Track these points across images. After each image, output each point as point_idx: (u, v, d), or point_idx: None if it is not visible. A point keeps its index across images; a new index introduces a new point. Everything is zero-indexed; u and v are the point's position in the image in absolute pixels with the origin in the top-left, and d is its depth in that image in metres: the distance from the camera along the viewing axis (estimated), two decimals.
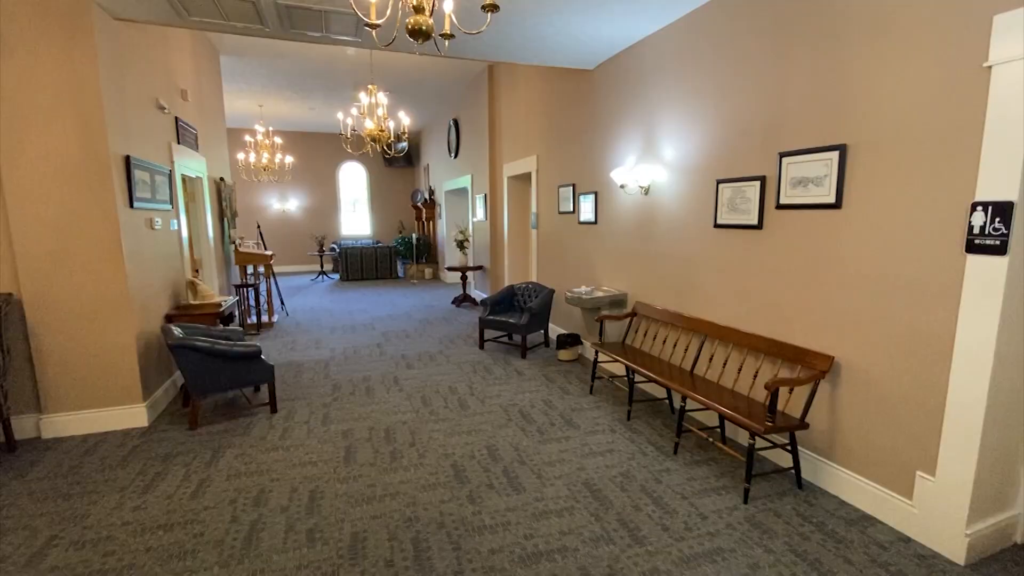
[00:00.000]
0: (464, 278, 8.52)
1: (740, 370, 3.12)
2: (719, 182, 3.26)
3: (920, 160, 2.19)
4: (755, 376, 3.01)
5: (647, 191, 3.97)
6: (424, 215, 12.22)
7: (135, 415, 3.54)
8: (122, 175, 3.44)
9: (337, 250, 11.69)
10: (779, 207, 2.84)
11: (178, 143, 4.63)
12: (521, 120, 6.51)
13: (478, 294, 8.85)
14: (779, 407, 2.83)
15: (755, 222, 2.99)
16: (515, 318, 5.20)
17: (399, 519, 2.48)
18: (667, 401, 3.88)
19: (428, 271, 11.92)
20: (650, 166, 3.91)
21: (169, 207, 4.25)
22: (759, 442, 3.06)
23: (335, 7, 3.28)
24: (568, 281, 5.48)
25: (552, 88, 5.57)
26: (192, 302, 4.39)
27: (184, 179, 4.96)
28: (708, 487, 2.75)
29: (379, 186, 13.62)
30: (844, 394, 2.59)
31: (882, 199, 2.34)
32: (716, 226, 3.31)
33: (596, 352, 4.03)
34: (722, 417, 3.21)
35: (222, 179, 6.29)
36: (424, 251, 12.17)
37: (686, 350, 3.54)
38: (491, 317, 5.32)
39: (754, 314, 3.08)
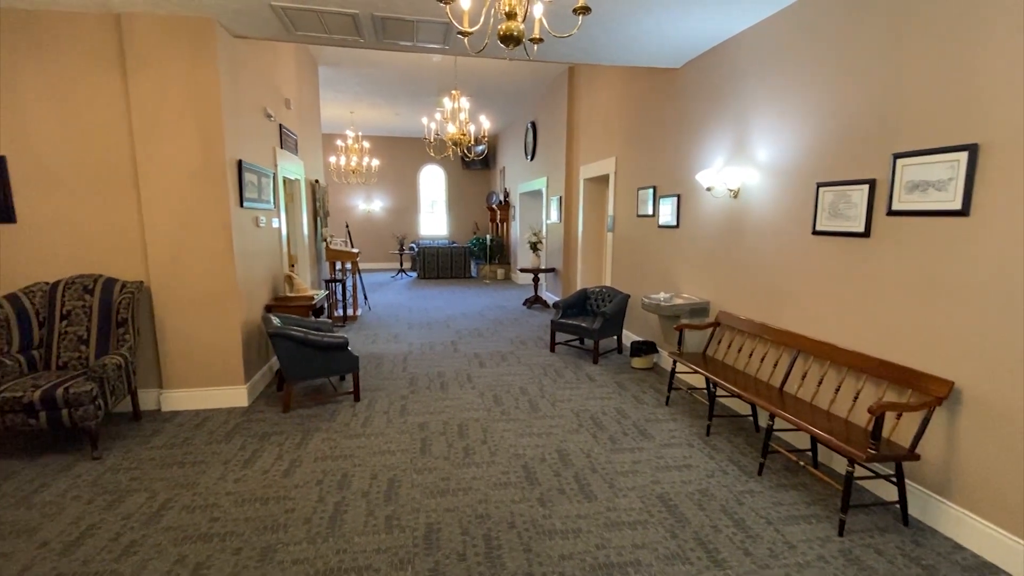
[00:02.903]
0: (536, 280, 8.55)
1: (838, 390, 2.87)
2: (819, 185, 3.02)
3: None
4: (855, 398, 2.75)
5: (736, 194, 3.77)
6: (498, 216, 12.42)
7: (237, 395, 3.89)
8: (235, 177, 3.80)
9: (415, 249, 12.18)
10: (891, 213, 2.58)
11: (281, 148, 5.04)
12: (600, 121, 6.42)
13: (549, 296, 8.84)
14: (884, 434, 2.57)
15: (861, 229, 2.74)
16: (588, 322, 5.13)
17: (471, 515, 2.53)
18: (751, 418, 3.65)
19: (500, 272, 12.09)
20: (740, 168, 3.71)
21: (272, 207, 4.64)
22: (859, 470, 2.80)
23: (426, 17, 3.41)
24: (645, 286, 5.33)
25: (634, 88, 5.45)
26: (288, 294, 4.76)
27: (284, 181, 5.38)
28: (797, 514, 2.55)
29: (457, 188, 14.02)
30: (965, 424, 2.30)
31: (1022, 205, 2.05)
32: (814, 233, 3.06)
33: (674, 362, 3.87)
34: (815, 440, 2.97)
35: (317, 181, 6.76)
36: (497, 252, 12.36)
37: (775, 365, 3.31)
38: (563, 320, 5.29)
39: (856, 330, 2.82)
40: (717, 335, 4.05)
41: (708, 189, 3.95)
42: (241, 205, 3.89)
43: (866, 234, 2.72)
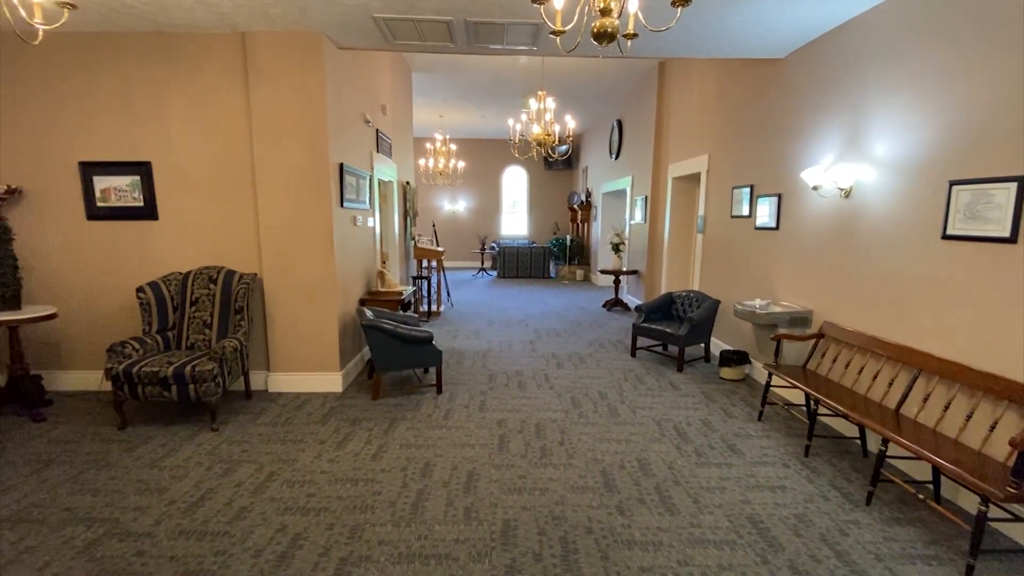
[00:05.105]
0: (617, 282, 8.36)
1: (969, 417, 2.51)
2: (952, 184, 2.66)
3: None
4: (992, 427, 2.39)
5: (848, 193, 3.42)
6: (579, 217, 12.30)
7: (332, 381, 4.19)
8: (336, 180, 4.08)
9: (496, 248, 12.40)
10: None
11: (377, 152, 5.35)
12: (692, 117, 6.13)
13: (631, 299, 8.61)
14: None
15: (1006, 234, 2.38)
16: (673, 328, 4.92)
17: (548, 515, 2.52)
18: (859, 441, 3.30)
19: (580, 273, 11.96)
20: (853, 164, 3.37)
21: (367, 207, 4.94)
22: (994, 510, 2.43)
23: (517, 19, 3.45)
24: (737, 292, 5.01)
25: (731, 81, 5.14)
26: (380, 289, 5.04)
27: (379, 183, 5.70)
28: (913, 553, 2.27)
29: (538, 188, 14.09)
30: None
31: None
32: (944, 237, 2.71)
33: (769, 375, 3.60)
34: (937, 471, 2.63)
35: (408, 183, 7.10)
36: (577, 253, 12.25)
37: (890, 384, 2.97)
38: (646, 324, 5.12)
39: (996, 349, 2.45)
40: (820, 347, 3.71)
41: (814, 188, 3.63)
42: (342, 205, 4.17)
43: (1012, 239, 2.36)
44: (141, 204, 3.96)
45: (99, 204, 3.96)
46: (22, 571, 2.10)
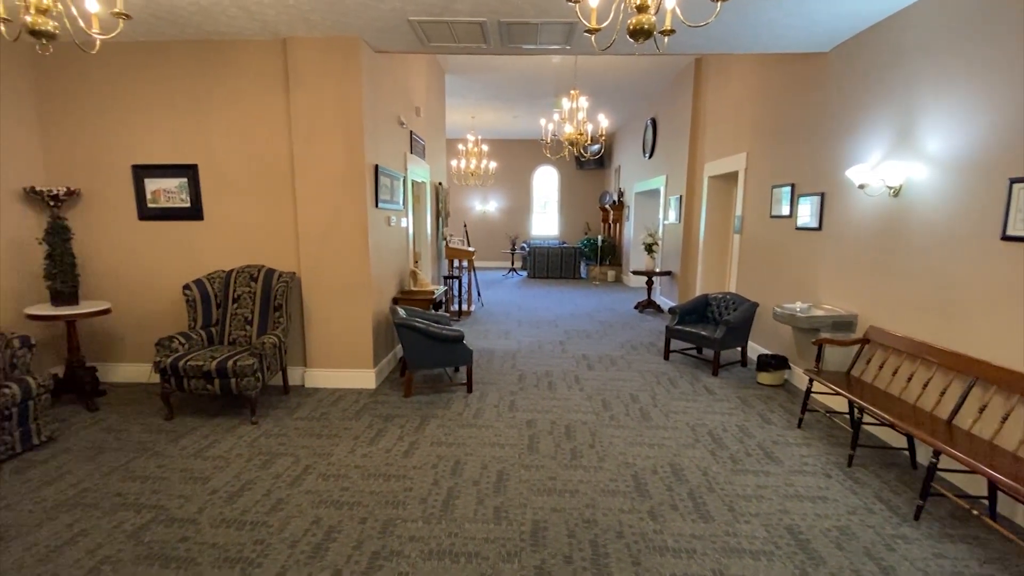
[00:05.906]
0: (650, 283, 8.22)
1: None
2: (1013, 181, 2.50)
3: None
4: None
5: (897, 192, 3.27)
6: (611, 217, 12.16)
7: (366, 378, 4.27)
8: (371, 181, 4.16)
9: (527, 249, 12.39)
10: None
11: (411, 153, 5.43)
12: (730, 114, 5.97)
13: (664, 301, 8.45)
14: None
15: None
16: (708, 331, 4.81)
17: (578, 518, 2.50)
18: (907, 453, 3.15)
19: (611, 273, 11.83)
20: (904, 162, 3.21)
21: (401, 207, 5.01)
22: None
23: (550, 18, 3.44)
24: (777, 295, 4.85)
25: (771, 76, 4.98)
26: (412, 288, 5.11)
27: (412, 184, 5.78)
28: (966, 572, 2.15)
29: (569, 188, 14.00)
30: None
31: None
32: (1004, 238, 2.55)
33: (810, 381, 3.47)
34: (993, 486, 2.48)
35: (440, 183, 7.17)
36: (608, 253, 12.11)
37: (942, 393, 2.82)
38: (680, 327, 5.02)
39: None
40: (866, 353, 3.55)
41: (860, 187, 3.48)
42: (376, 206, 4.25)
43: None
44: (188, 205, 4.13)
45: (150, 205, 4.16)
46: (76, 553, 2.22)
